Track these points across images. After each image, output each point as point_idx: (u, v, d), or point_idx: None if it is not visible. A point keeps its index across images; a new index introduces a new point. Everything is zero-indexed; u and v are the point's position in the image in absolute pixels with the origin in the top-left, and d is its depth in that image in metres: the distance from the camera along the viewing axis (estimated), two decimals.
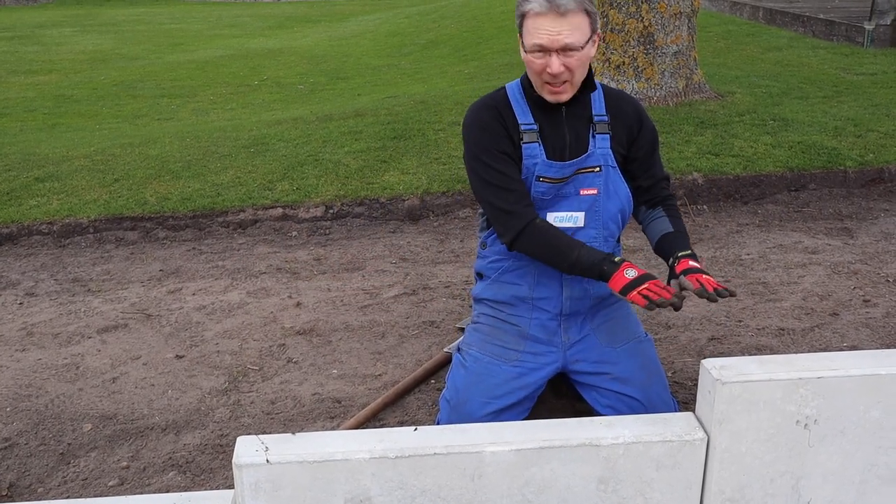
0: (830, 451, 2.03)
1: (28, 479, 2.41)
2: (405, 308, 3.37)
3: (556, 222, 2.35)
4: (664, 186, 2.47)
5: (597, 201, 2.35)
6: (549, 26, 2.14)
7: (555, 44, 2.15)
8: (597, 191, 2.35)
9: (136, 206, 4.42)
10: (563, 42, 2.14)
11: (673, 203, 2.47)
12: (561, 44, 2.15)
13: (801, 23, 9.17)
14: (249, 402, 2.74)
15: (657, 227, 2.42)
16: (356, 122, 5.67)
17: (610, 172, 2.35)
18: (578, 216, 2.36)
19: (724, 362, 2.02)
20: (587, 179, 2.34)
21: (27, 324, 3.35)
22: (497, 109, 2.32)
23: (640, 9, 5.37)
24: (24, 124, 7.72)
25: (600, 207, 2.36)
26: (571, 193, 2.35)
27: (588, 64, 2.25)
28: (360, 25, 14.30)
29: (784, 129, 5.09)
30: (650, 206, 2.46)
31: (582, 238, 2.37)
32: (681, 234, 2.38)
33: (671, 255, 2.32)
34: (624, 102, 2.40)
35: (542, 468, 1.98)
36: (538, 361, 2.38)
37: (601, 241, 2.39)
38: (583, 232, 2.37)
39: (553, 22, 2.13)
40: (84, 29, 15.15)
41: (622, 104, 2.39)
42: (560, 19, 2.13)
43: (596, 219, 2.37)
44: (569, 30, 2.14)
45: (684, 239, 2.37)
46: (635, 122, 2.39)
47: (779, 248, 3.88)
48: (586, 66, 2.25)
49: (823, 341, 2.99)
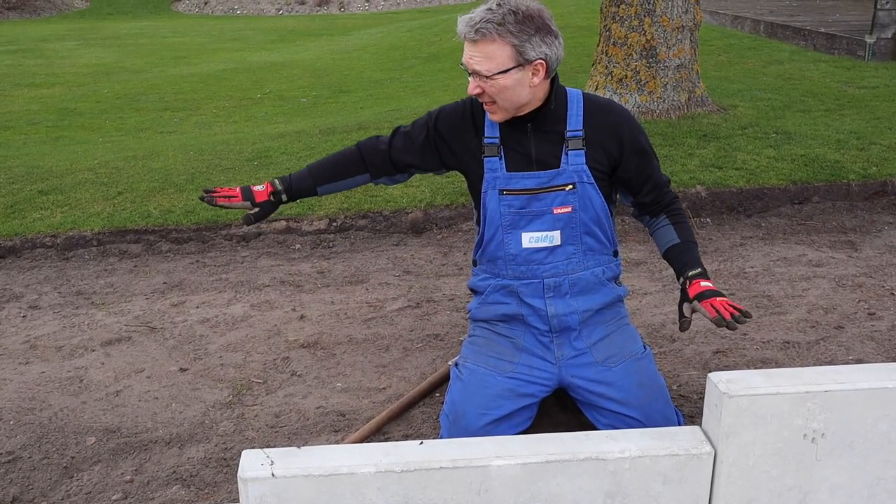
0: (838, 465, 2.02)
1: (31, 492, 2.40)
2: (409, 321, 3.36)
3: (531, 243, 2.37)
4: (666, 192, 2.44)
5: (572, 218, 2.36)
6: (466, 49, 2.22)
7: (468, 66, 2.22)
8: (571, 208, 2.34)
9: (139, 219, 4.42)
10: (472, 66, 2.21)
11: (677, 207, 2.44)
12: (471, 67, 2.21)
13: (803, 36, 9.20)
14: (254, 415, 2.73)
15: (663, 238, 2.41)
16: (359, 135, 5.68)
17: (586, 189, 2.34)
18: (554, 235, 2.36)
19: (731, 376, 2.01)
20: (559, 197, 2.34)
21: (30, 337, 3.34)
22: (469, 112, 2.40)
23: (642, 22, 5.39)
24: (28, 137, 7.74)
25: (576, 223, 2.36)
26: (545, 212, 2.35)
27: (516, 92, 2.22)
28: (361, 39, 14.35)
29: (787, 143, 5.10)
30: (652, 213, 2.44)
31: (561, 255, 2.39)
32: (688, 246, 2.37)
33: (681, 273, 2.31)
34: (607, 115, 2.36)
35: (549, 483, 1.97)
36: (533, 375, 2.37)
37: (580, 255, 2.40)
38: (561, 249, 2.38)
39: (468, 46, 2.21)
40: (87, 42, 15.21)
41: (604, 118, 2.35)
42: (472, 45, 2.20)
43: (573, 235, 2.37)
44: (480, 57, 2.19)
45: (692, 252, 2.36)
46: (617, 136, 2.34)
47: (783, 260, 3.88)
48: (510, 94, 2.22)
49: (829, 354, 2.98)
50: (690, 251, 2.36)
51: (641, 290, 3.59)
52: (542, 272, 2.39)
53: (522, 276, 2.40)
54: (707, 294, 2.19)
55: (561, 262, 2.38)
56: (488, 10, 2.17)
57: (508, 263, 2.40)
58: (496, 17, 2.15)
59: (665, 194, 2.43)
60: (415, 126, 2.48)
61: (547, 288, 2.39)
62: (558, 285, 2.39)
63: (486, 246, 2.43)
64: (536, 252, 2.38)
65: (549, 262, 2.38)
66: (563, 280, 2.39)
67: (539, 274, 2.39)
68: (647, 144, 2.41)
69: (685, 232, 2.40)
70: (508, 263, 2.40)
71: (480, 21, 2.16)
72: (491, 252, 2.42)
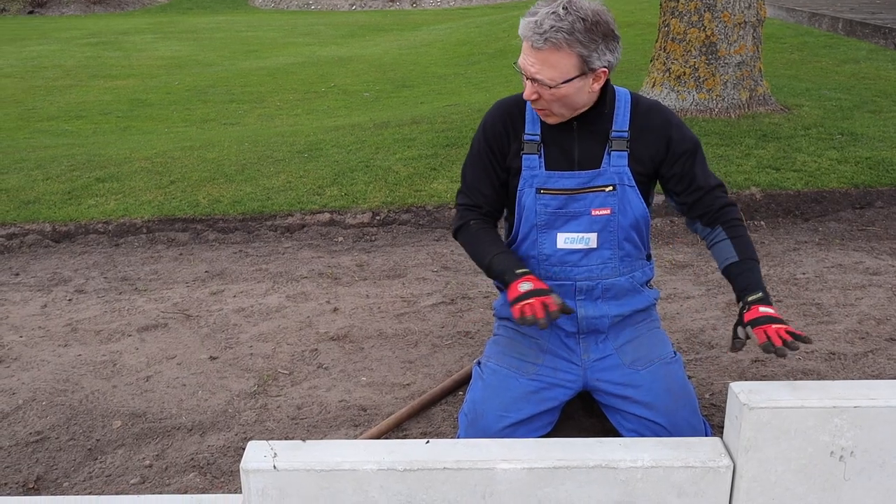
0: (868, 486, 1.91)
1: (55, 472, 2.45)
2: (441, 317, 3.32)
3: (566, 244, 2.29)
4: (718, 196, 2.29)
5: (611, 221, 2.27)
6: (527, 54, 2.12)
7: (527, 73, 2.13)
8: (610, 210, 2.26)
9: (188, 208, 4.50)
10: (533, 75, 2.11)
11: (733, 217, 2.28)
12: (531, 76, 2.12)
13: (883, 35, 8.80)
14: (276, 406, 2.74)
15: (722, 253, 2.26)
16: (411, 129, 5.67)
17: (626, 192, 2.25)
18: (590, 237, 2.28)
19: (754, 386, 1.92)
20: (599, 199, 2.26)
21: (73, 320, 3.42)
22: (510, 114, 2.32)
23: (702, 18, 5.22)
24: (98, 126, 7.99)
25: (615, 227, 2.28)
26: (582, 213, 2.27)
27: (575, 99, 2.15)
28: (430, 34, 14.37)
29: (852, 144, 4.88)
30: (707, 223, 2.30)
31: (596, 259, 2.31)
32: (749, 266, 2.21)
33: (740, 297, 2.17)
34: (654, 117, 2.27)
35: (557, 489, 1.91)
36: (557, 377, 2.31)
37: (616, 260, 2.31)
38: (597, 253, 2.30)
39: (529, 52, 2.11)
40: (165, 36, 15.64)
41: (651, 119, 2.27)
42: (535, 52, 2.09)
43: (611, 239, 2.29)
44: (540, 65, 2.09)
45: (753, 273, 2.20)
46: (663, 138, 2.26)
47: (837, 267, 3.70)
48: (568, 101, 2.16)
49: (877, 368, 2.82)
50: (752, 271, 2.20)
51: (684, 294, 3.47)
52: (575, 274, 2.32)
53: (555, 276, 2.33)
54: (762, 320, 2.05)
55: (595, 265, 2.31)
56: (555, 16, 2.04)
57: (541, 263, 2.33)
58: (565, 24, 2.04)
59: (715, 199, 2.28)
60: (473, 170, 2.38)
61: (579, 291, 2.32)
62: (591, 289, 2.32)
63: (519, 244, 2.36)
64: (571, 253, 2.30)
65: (584, 265, 2.31)
66: (596, 284, 2.32)
67: (572, 276, 2.32)
68: (694, 145, 2.30)
69: (745, 248, 2.24)
70: (541, 263, 2.33)
71: (550, 29, 2.04)
72: (524, 251, 2.36)
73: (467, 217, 2.37)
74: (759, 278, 2.20)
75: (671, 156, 2.27)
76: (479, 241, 2.33)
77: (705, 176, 2.30)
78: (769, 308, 2.10)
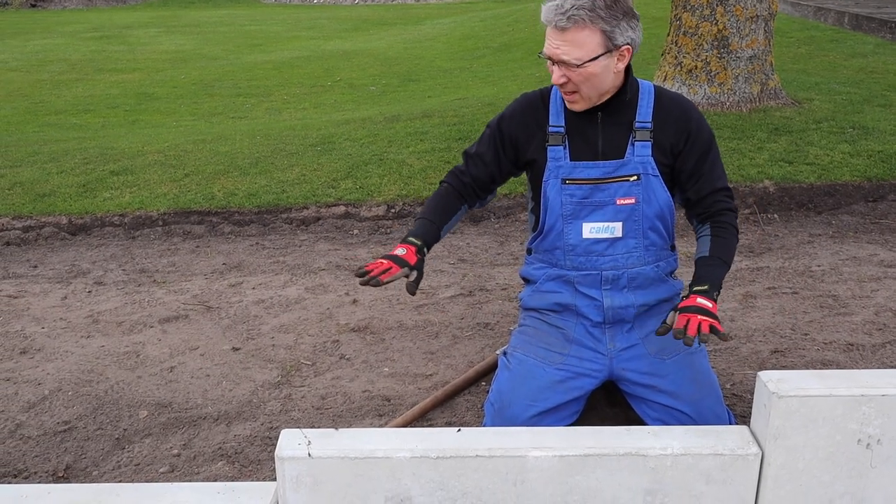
0: (895, 474, 1.93)
1: (84, 461, 2.47)
2: (460, 309, 3.35)
3: (591, 233, 2.32)
4: (719, 199, 2.31)
5: (635, 211, 2.30)
6: (551, 38, 2.15)
7: (554, 56, 2.16)
8: (635, 200, 2.29)
9: (203, 201, 4.52)
10: (559, 57, 2.15)
11: (725, 220, 2.31)
12: (558, 58, 2.15)
13: (889, 29, 8.81)
14: (300, 396, 2.76)
15: (699, 248, 2.32)
16: (423, 123, 5.68)
17: (650, 181, 2.28)
18: (615, 226, 2.31)
19: (782, 375, 1.94)
20: (623, 188, 2.29)
21: (94, 311, 3.45)
22: (535, 107, 2.36)
23: (714, 11, 5.23)
24: (107, 120, 8.00)
25: (639, 217, 2.30)
26: (607, 203, 2.30)
27: (602, 79, 2.19)
28: (434, 28, 14.37)
29: (864, 138, 4.89)
30: (700, 220, 2.35)
31: (622, 248, 2.33)
32: (712, 262, 2.24)
33: (690, 286, 2.20)
34: (675, 109, 2.30)
35: (587, 476, 1.93)
36: (584, 367, 2.33)
37: (641, 250, 2.34)
38: (622, 242, 2.33)
39: (554, 35, 2.14)
40: (169, 30, 15.63)
41: (672, 111, 2.30)
42: (559, 34, 2.14)
43: (635, 228, 2.31)
44: (567, 46, 2.13)
45: (713, 269, 2.22)
46: (683, 130, 2.28)
47: (852, 260, 3.72)
48: (596, 82, 2.18)
49: (895, 358, 2.85)
50: (713, 267, 2.22)
51: None
52: (601, 264, 2.35)
53: (581, 266, 2.36)
54: (692, 309, 2.07)
55: (621, 255, 2.34)
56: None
57: (567, 254, 2.36)
58: (586, 2, 2.09)
59: (717, 201, 2.31)
60: (481, 142, 2.45)
61: (605, 280, 2.35)
62: (617, 278, 2.35)
63: (546, 236, 2.39)
64: (596, 243, 2.33)
65: (609, 255, 2.34)
66: (622, 273, 2.35)
67: (598, 266, 2.35)
68: (710, 142, 2.33)
69: (719, 248, 2.26)
70: (567, 254, 2.36)
71: (571, 8, 2.09)
72: (550, 242, 2.39)
73: (447, 178, 2.49)
74: (717, 274, 2.21)
75: (687, 149, 2.30)
76: (430, 200, 2.46)
77: (714, 177, 2.32)
78: (707, 301, 2.10)
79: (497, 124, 2.41)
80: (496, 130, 2.41)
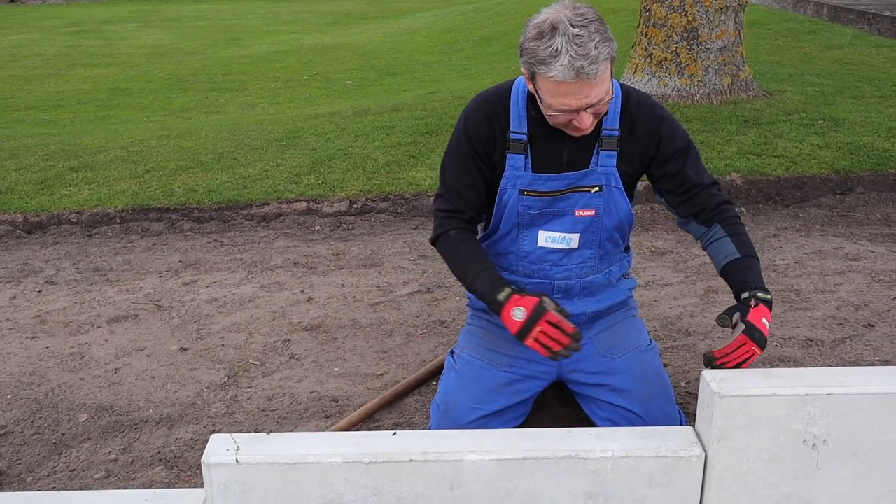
0: (841, 475, 1.88)
1: (18, 467, 2.39)
2: (417, 307, 3.28)
3: (547, 242, 2.21)
4: (713, 194, 2.18)
5: (594, 223, 2.20)
6: (576, 91, 1.92)
7: (585, 105, 1.95)
8: (595, 212, 2.18)
9: (163, 198, 4.43)
10: (593, 101, 1.95)
11: (731, 216, 2.18)
12: (592, 103, 1.96)
13: (867, 20, 8.79)
14: (246, 398, 2.69)
15: (721, 250, 2.14)
16: (391, 116, 5.61)
17: (613, 193, 2.17)
18: (572, 237, 2.21)
19: (726, 374, 1.89)
20: (584, 199, 2.17)
21: (42, 312, 3.36)
22: (494, 112, 2.16)
23: (683, 3, 5.17)
24: (77, 115, 7.88)
25: (598, 228, 2.21)
26: (566, 212, 2.18)
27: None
28: (415, 22, 14.27)
29: (834, 130, 4.85)
30: (702, 221, 2.19)
31: (577, 259, 2.24)
32: (751, 263, 2.10)
33: (746, 288, 2.05)
34: (643, 113, 2.15)
35: (526, 480, 1.88)
36: (532, 369, 2.26)
37: (596, 260, 2.26)
38: (578, 252, 2.23)
39: (582, 87, 1.91)
40: (147, 24, 15.47)
41: (640, 116, 2.15)
42: (590, 84, 1.91)
43: (592, 239, 2.22)
44: (598, 88, 1.93)
45: (756, 269, 2.09)
46: (653, 137, 2.15)
47: (817, 253, 3.67)
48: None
49: (854, 354, 2.80)
50: (755, 268, 2.09)
51: (663, 281, 3.44)
52: (554, 273, 2.26)
53: (533, 274, 2.27)
54: (757, 335, 1.97)
55: (575, 265, 2.25)
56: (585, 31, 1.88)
57: (521, 260, 2.27)
58: (601, 34, 1.90)
59: (710, 196, 2.18)
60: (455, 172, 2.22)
61: (557, 289, 2.27)
62: (569, 288, 2.27)
63: (498, 241, 2.28)
64: (551, 252, 2.23)
65: (563, 265, 2.25)
66: (574, 283, 2.27)
67: (551, 275, 2.26)
68: (686, 143, 2.20)
69: (746, 246, 2.13)
70: (521, 260, 2.27)
71: (596, 50, 1.88)
72: (503, 247, 2.28)
73: (447, 226, 2.22)
74: (761, 276, 2.10)
75: (662, 155, 2.17)
76: (460, 255, 2.19)
77: (699, 174, 2.20)
78: (767, 321, 2.00)
79: (467, 142, 2.19)
80: (467, 146, 2.19)
